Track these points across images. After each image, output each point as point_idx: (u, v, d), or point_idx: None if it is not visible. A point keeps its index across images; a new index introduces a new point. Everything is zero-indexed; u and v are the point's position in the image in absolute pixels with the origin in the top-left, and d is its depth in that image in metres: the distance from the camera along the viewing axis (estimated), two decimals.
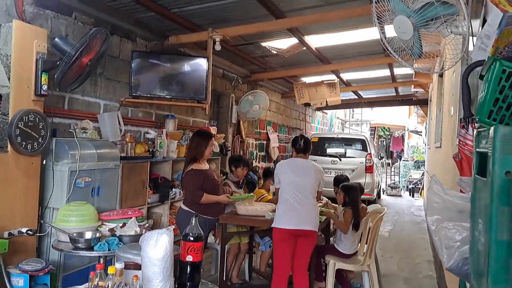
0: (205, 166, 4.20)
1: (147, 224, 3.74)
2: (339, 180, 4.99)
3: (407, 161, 17.37)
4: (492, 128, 1.18)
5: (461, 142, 2.20)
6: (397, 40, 2.60)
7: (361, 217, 4.45)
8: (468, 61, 2.22)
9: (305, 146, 4.03)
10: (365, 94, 11.75)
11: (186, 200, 4.15)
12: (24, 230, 3.20)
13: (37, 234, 3.46)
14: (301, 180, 3.84)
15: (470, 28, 2.38)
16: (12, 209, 3.23)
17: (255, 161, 8.96)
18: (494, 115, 1.49)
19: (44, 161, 3.57)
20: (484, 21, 2.01)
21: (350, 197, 4.47)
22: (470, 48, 2.38)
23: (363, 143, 10.70)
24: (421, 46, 2.58)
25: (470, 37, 2.39)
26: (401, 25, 2.47)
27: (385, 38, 2.68)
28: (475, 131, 1.57)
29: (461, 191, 1.92)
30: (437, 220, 1.59)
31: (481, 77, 1.69)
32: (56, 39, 3.50)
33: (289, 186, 3.83)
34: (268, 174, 5.72)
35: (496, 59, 1.52)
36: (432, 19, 2.43)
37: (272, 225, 3.80)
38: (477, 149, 1.40)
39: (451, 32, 2.45)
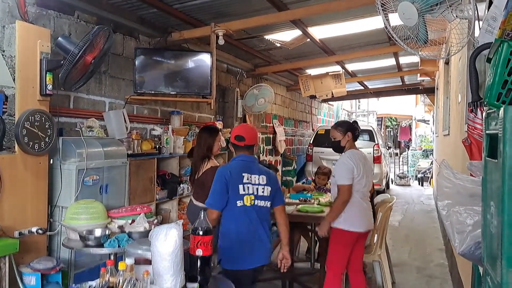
0: (216, 162, 4.15)
1: (156, 220, 3.74)
2: None
3: (415, 150, 17.34)
4: (502, 109, 1.16)
5: (470, 127, 2.17)
6: (402, 28, 2.57)
7: None
8: (474, 45, 2.19)
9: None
10: (371, 85, 11.67)
11: (197, 194, 4.10)
12: (34, 229, 3.23)
13: (47, 233, 3.48)
14: (368, 178, 3.64)
15: (476, 12, 2.34)
16: (22, 209, 3.24)
17: (262, 155, 8.95)
18: (503, 97, 1.47)
19: (52, 160, 3.57)
20: (490, 3, 1.98)
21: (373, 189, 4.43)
22: (476, 32, 2.34)
23: (370, 134, 10.65)
24: (426, 32, 2.55)
25: (476, 21, 2.36)
26: (405, 11, 2.45)
27: (390, 25, 2.65)
28: (484, 113, 1.54)
29: (471, 176, 1.90)
30: (448, 205, 1.57)
31: (489, 60, 1.67)
32: (59, 38, 3.50)
33: (361, 185, 3.56)
34: None
35: (504, 40, 1.50)
36: (436, 3, 2.40)
37: (344, 228, 3.54)
38: (487, 131, 1.38)
39: (456, 16, 2.42)
